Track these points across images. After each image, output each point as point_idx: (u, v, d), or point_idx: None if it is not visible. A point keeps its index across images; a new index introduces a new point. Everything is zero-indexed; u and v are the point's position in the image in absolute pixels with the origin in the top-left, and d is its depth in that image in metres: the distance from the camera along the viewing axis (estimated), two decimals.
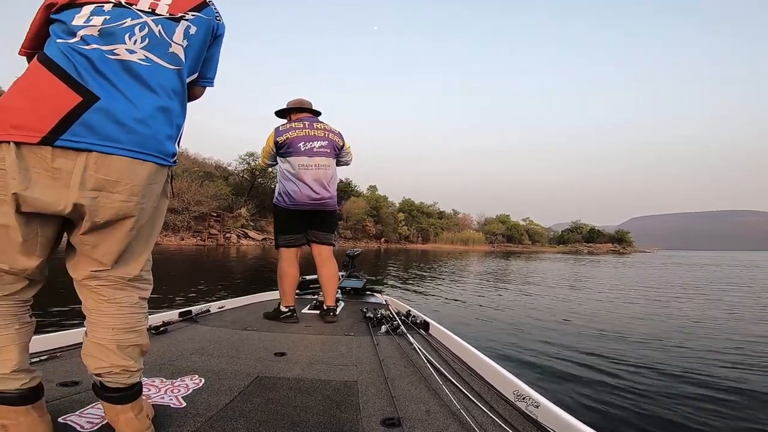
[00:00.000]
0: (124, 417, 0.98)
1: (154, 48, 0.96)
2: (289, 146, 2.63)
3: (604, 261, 27.58)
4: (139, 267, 1.01)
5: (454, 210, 76.47)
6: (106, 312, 0.97)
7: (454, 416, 1.25)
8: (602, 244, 79.51)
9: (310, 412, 1.24)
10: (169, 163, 1.00)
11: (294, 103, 2.85)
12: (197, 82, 1.18)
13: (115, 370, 0.96)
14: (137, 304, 1.01)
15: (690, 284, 11.34)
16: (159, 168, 0.96)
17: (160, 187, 0.99)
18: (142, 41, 0.94)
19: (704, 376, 3.12)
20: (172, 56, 0.99)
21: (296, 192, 2.63)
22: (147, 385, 1.38)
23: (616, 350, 3.86)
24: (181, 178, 30.14)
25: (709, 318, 5.88)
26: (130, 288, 1.00)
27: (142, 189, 0.92)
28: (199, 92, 1.24)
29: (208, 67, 1.19)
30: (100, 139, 0.84)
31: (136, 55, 0.92)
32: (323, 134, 2.72)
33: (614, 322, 5.37)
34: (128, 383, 0.98)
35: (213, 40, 1.15)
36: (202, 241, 27.24)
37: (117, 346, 0.96)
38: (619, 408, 2.52)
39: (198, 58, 1.10)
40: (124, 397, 0.98)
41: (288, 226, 2.73)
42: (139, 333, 1.01)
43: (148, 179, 0.93)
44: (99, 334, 0.96)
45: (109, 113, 0.86)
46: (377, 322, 2.46)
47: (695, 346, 4.10)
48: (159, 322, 2.22)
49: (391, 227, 52.57)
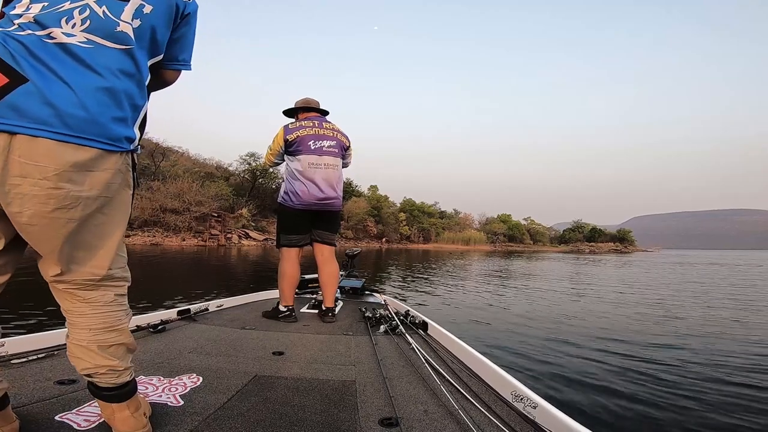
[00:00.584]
0: (120, 415, 0.97)
1: (96, 29, 0.89)
2: (299, 144, 2.61)
3: (606, 260, 27.55)
4: (105, 265, 0.95)
5: (455, 210, 76.48)
6: (82, 312, 0.95)
7: (451, 416, 1.25)
8: (604, 243, 79.32)
9: (308, 412, 1.24)
10: (118, 148, 0.92)
11: (302, 102, 2.84)
12: (167, 65, 1.12)
13: (101, 370, 0.94)
14: (114, 302, 0.98)
15: (698, 283, 11.30)
16: (104, 153, 0.88)
17: (108, 176, 0.91)
18: (82, 24, 0.88)
19: (706, 378, 3.11)
20: (119, 35, 0.92)
21: (304, 192, 2.60)
22: (145, 384, 1.38)
23: (617, 351, 3.85)
24: (183, 178, 30.22)
25: (714, 318, 5.87)
26: (103, 287, 0.96)
27: (77, 176, 0.84)
28: (172, 76, 1.17)
29: (179, 48, 1.12)
30: (27, 121, 0.79)
31: (75, 38, 0.87)
32: (332, 134, 2.70)
33: (615, 323, 5.37)
34: (118, 382, 0.97)
35: (181, 20, 1.08)
36: (203, 242, 27.22)
37: (98, 347, 0.94)
38: (617, 409, 2.52)
39: (158, 38, 1.02)
40: (117, 395, 0.97)
41: (293, 225, 2.70)
42: (121, 331, 0.98)
43: (84, 165, 0.85)
44: (78, 335, 0.95)
45: (40, 95, 0.80)
46: (376, 322, 2.46)
47: (698, 348, 4.09)
48: (157, 320, 2.22)
49: (393, 227, 52.56)
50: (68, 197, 0.84)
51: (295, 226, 2.70)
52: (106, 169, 0.90)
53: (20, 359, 1.51)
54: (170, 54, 1.11)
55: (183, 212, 27.94)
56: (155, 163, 31.75)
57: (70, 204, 0.85)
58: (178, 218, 27.53)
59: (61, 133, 0.81)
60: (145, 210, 26.38)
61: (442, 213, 71.51)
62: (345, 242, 41.33)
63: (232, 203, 32.78)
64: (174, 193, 28.40)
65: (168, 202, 27.55)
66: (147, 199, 27.16)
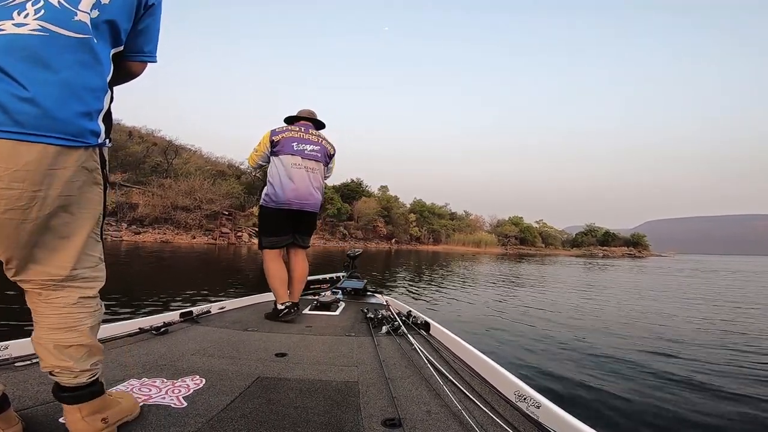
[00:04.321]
0: (70, 417, 0.96)
1: (52, 18, 0.86)
2: (283, 145, 2.71)
3: (618, 265, 27.13)
4: (67, 265, 0.93)
5: (465, 211, 75.96)
6: (42, 312, 0.94)
7: (454, 417, 1.25)
8: (617, 247, 78.25)
9: (311, 413, 1.24)
10: (80, 143, 0.88)
11: (301, 112, 2.97)
12: (132, 57, 1.10)
13: (56, 370, 0.94)
14: (77, 304, 0.96)
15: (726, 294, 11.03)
16: (63, 150, 0.85)
17: (69, 173, 0.88)
18: (36, 13, 0.84)
19: (710, 381, 3.08)
20: (77, 24, 0.88)
21: (282, 192, 2.68)
22: (148, 386, 1.39)
23: (618, 354, 3.81)
24: (194, 176, 30.54)
25: (726, 324, 5.75)
26: (66, 288, 0.95)
27: (30, 174, 0.81)
28: (137, 68, 1.14)
29: (143, 40, 1.09)
30: None
31: (27, 27, 0.83)
32: (317, 140, 2.83)
33: (624, 327, 5.28)
34: (73, 384, 0.95)
35: (144, 11, 1.05)
36: (214, 240, 27.51)
37: (55, 346, 0.93)
38: (622, 409, 2.50)
39: (120, 28, 0.99)
40: (70, 397, 0.96)
41: (274, 227, 2.77)
42: (81, 332, 0.96)
43: (42, 163, 0.82)
44: (39, 333, 0.95)
45: None
46: (378, 323, 2.48)
47: (708, 353, 4.01)
48: (160, 322, 2.25)
49: (402, 228, 52.42)
50: (22, 197, 0.81)
51: (275, 227, 2.77)
52: (66, 166, 0.87)
53: (24, 362, 1.53)
54: (135, 45, 1.08)
55: (194, 210, 28.25)
56: (168, 160, 32.16)
57: (25, 204, 0.82)
58: (189, 216, 27.82)
59: (10, 131, 0.79)
60: (156, 207, 26.71)
61: (453, 214, 71.15)
62: (355, 243, 41.39)
63: (243, 201, 33.04)
64: (185, 190, 28.70)
65: (179, 200, 27.85)
66: (158, 196, 27.50)
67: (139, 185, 28.02)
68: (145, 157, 31.16)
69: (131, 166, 29.71)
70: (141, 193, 27.14)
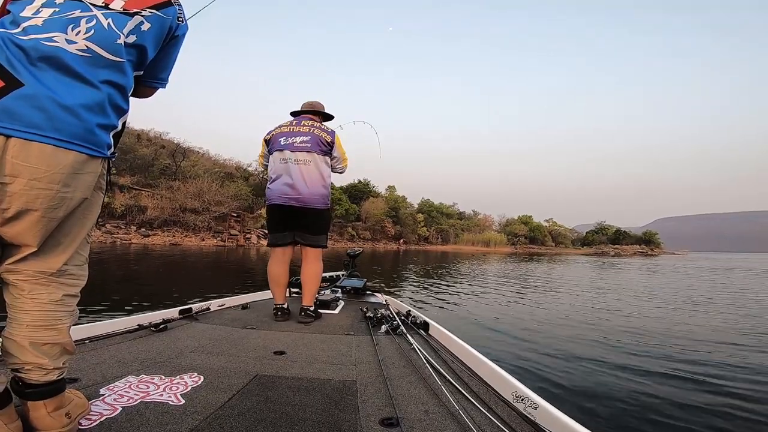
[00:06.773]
0: (34, 414, 0.96)
1: (98, 40, 0.95)
2: (273, 143, 2.70)
3: (630, 264, 26.79)
4: (60, 260, 0.98)
5: (474, 211, 75.59)
6: (23, 308, 0.95)
7: (452, 417, 1.25)
8: (629, 245, 77.21)
9: (309, 411, 1.25)
10: (101, 154, 0.97)
11: (304, 105, 2.91)
12: (147, 82, 1.18)
13: (27, 366, 0.95)
14: (60, 302, 0.99)
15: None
16: (88, 158, 0.94)
17: (91, 178, 0.97)
18: (87, 32, 0.94)
19: (711, 383, 3.07)
20: (117, 48, 0.98)
21: (275, 187, 2.66)
22: (146, 383, 1.40)
23: (619, 355, 3.80)
24: (203, 178, 30.74)
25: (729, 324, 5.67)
26: (53, 284, 0.98)
27: (64, 177, 0.89)
28: (149, 92, 1.23)
29: (160, 66, 1.18)
30: (21, 125, 0.83)
31: (75, 45, 0.92)
32: (308, 129, 2.70)
33: (627, 328, 5.25)
34: (42, 380, 0.96)
35: (170, 40, 1.14)
36: (222, 242, 27.67)
37: (30, 343, 0.95)
38: (618, 411, 2.50)
39: (147, 55, 1.08)
40: (35, 393, 0.96)
41: (272, 223, 2.74)
42: (59, 331, 0.99)
43: (72, 168, 0.90)
44: (14, 330, 0.95)
45: (34, 100, 0.84)
46: (377, 322, 2.47)
47: (707, 354, 3.98)
48: (159, 319, 2.26)
49: (411, 228, 52.27)
50: (56, 198, 0.89)
51: (274, 224, 2.74)
52: (90, 172, 0.96)
53: None
54: (152, 72, 1.17)
55: (202, 212, 28.41)
56: (176, 163, 32.41)
57: (56, 204, 0.90)
58: (198, 218, 27.97)
59: (52, 137, 0.86)
60: (165, 210, 26.88)
61: (461, 214, 70.86)
62: (363, 243, 41.43)
63: (251, 203, 33.20)
64: (194, 192, 28.87)
65: (188, 202, 28.03)
66: (167, 198, 27.68)
67: (148, 188, 28.26)
68: (154, 159, 31.39)
69: (140, 169, 29.97)
70: (150, 195, 27.34)
